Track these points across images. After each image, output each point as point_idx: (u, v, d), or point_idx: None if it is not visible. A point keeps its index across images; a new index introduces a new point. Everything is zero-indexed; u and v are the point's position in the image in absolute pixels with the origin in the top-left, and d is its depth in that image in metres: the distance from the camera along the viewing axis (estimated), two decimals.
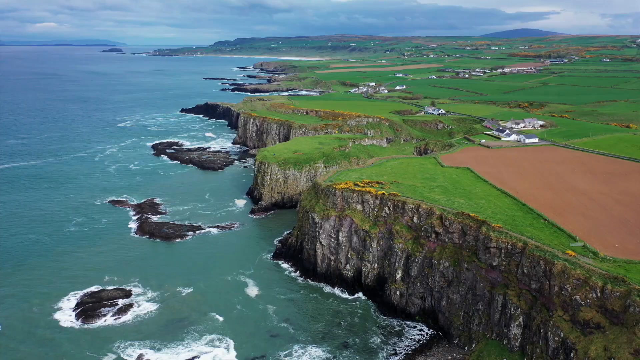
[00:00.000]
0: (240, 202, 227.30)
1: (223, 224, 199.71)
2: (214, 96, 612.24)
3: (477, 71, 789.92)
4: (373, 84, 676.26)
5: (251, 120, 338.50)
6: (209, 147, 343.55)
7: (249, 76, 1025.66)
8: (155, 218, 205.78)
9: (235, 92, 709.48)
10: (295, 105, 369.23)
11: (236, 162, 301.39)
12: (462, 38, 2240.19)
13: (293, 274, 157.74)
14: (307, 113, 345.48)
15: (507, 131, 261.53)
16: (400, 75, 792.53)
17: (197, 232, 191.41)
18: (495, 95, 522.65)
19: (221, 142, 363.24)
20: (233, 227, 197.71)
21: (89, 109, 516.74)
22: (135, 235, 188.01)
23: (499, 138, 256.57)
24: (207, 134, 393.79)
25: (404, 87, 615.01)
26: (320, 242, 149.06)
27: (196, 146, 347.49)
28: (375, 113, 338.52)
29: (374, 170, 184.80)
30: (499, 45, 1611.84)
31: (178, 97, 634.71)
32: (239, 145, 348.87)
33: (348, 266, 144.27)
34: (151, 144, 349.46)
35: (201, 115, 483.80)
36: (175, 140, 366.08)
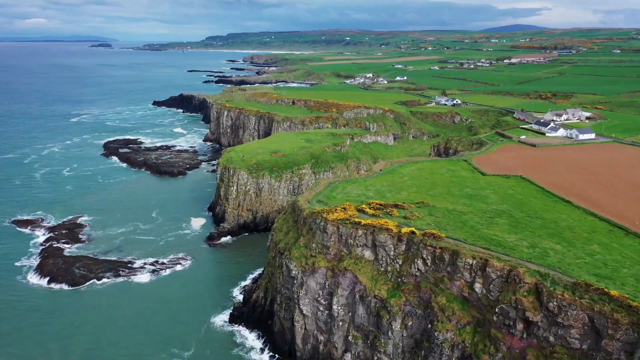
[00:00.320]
0: (197, 223, 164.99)
1: (164, 259, 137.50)
2: (194, 89, 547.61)
3: (482, 62, 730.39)
4: (370, 75, 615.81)
5: (225, 113, 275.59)
6: (175, 146, 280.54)
7: (236, 69, 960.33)
8: (69, 249, 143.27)
9: (219, 84, 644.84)
10: (279, 94, 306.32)
11: (203, 165, 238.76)
12: (459, 32, 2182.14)
13: (257, 356, 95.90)
14: (293, 103, 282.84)
15: (552, 125, 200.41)
16: (400, 66, 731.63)
17: (123, 273, 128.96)
18: (509, 85, 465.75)
19: (191, 139, 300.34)
20: (178, 264, 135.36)
21: (45, 102, 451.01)
22: (28, 281, 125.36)
23: (542, 133, 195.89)
24: (175, 130, 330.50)
25: (405, 78, 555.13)
26: (301, 310, 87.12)
27: (159, 144, 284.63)
28: (377, 104, 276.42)
29: (384, 180, 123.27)
30: (498, 39, 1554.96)
31: (154, 89, 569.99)
32: (210, 143, 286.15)
33: (349, 356, 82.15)
34: (104, 141, 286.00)
35: (174, 109, 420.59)
36: (135, 137, 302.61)
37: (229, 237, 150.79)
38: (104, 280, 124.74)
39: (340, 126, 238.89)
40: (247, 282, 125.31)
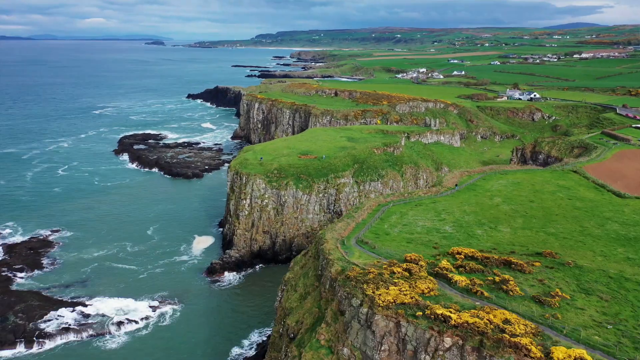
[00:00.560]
0: (201, 244, 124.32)
1: (142, 301, 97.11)
2: (235, 83, 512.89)
3: (548, 56, 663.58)
4: (424, 69, 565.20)
5: (256, 105, 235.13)
6: (198, 143, 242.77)
7: (282, 65, 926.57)
8: (22, 279, 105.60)
9: (262, 78, 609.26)
10: (320, 85, 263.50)
11: (225, 166, 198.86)
12: (517, 29, 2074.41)
13: None
14: (335, 95, 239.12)
15: None
16: (456, 61, 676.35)
17: (75, 325, 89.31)
18: (586, 81, 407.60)
19: (219, 136, 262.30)
20: (157, 309, 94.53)
21: (76, 94, 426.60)
22: None
23: None
24: (204, 125, 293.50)
25: (463, 72, 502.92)
26: None
27: (182, 140, 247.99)
28: (436, 97, 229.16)
29: (465, 203, 78.45)
30: (561, 35, 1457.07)
31: (193, 83, 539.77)
32: (239, 140, 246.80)
33: None
34: (121, 136, 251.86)
35: (208, 102, 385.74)
36: (157, 132, 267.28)
37: (234, 274, 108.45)
38: (42, 342, 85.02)
39: (393, 122, 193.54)
40: (250, 351, 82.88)
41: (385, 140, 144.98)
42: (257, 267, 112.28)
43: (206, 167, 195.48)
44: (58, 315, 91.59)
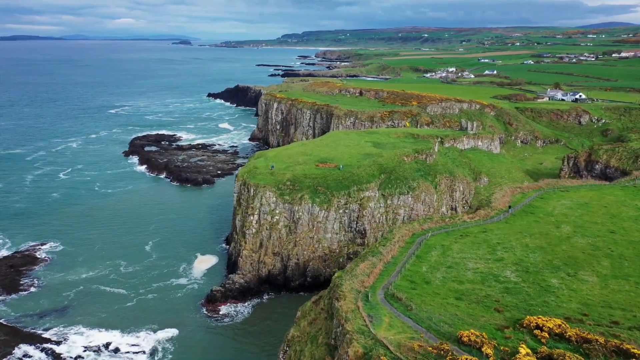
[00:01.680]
0: (203, 265, 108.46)
1: (125, 335, 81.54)
2: (258, 82, 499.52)
3: (585, 55, 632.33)
4: (453, 69, 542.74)
5: (275, 105, 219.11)
6: (213, 145, 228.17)
7: (307, 64, 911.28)
8: None
9: (285, 77, 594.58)
10: (344, 83, 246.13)
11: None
12: (548, 28, 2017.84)
13: None
14: (360, 94, 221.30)
15: None
16: (486, 60, 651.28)
17: None
18: (630, 81, 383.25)
19: (236, 137, 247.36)
20: (141, 352, 78.73)
21: (94, 93, 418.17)
22: None
23: None
24: (221, 125, 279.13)
25: (495, 72, 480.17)
26: None
27: (197, 141, 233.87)
28: (470, 97, 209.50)
29: (524, 232, 60.20)
30: (595, 34, 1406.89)
31: (215, 82, 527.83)
32: (256, 142, 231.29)
33: None
34: (133, 136, 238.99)
35: (228, 102, 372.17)
36: (172, 132, 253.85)
37: (238, 304, 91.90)
38: None
39: (423, 125, 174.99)
40: None
41: (416, 146, 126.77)
42: (264, 296, 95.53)
43: (218, 172, 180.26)
44: (23, 356, 76.57)
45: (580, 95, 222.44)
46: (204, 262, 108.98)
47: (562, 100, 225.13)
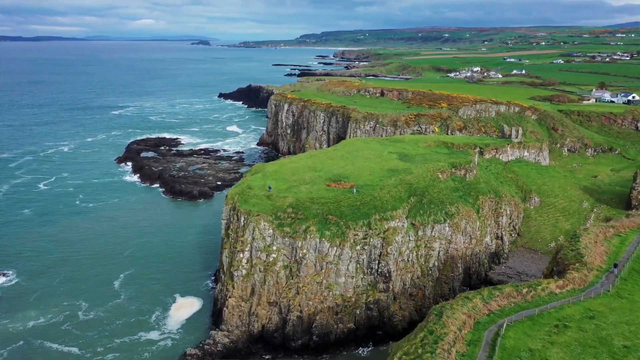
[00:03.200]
0: (182, 312, 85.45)
1: None
2: (273, 82, 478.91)
3: (619, 54, 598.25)
4: (478, 68, 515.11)
5: (285, 107, 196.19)
6: (218, 150, 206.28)
7: (325, 63, 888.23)
8: None
9: (301, 77, 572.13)
10: (363, 83, 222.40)
11: None
12: (572, 28, 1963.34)
13: None
14: (382, 95, 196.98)
15: None
16: (512, 60, 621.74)
17: None
18: None
19: (244, 141, 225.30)
20: None
21: (101, 92, 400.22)
22: None
23: None
24: (229, 128, 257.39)
25: (523, 71, 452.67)
26: None
27: (200, 146, 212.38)
28: (505, 98, 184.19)
29: None
30: (624, 33, 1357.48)
31: (228, 81, 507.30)
32: (265, 148, 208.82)
33: None
34: (131, 140, 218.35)
35: (239, 102, 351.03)
36: (174, 136, 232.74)
37: None
38: None
39: (455, 130, 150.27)
40: None
41: (452, 158, 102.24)
42: None
43: (219, 182, 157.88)
44: None
45: (633, 97, 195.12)
46: (184, 308, 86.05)
47: (612, 102, 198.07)
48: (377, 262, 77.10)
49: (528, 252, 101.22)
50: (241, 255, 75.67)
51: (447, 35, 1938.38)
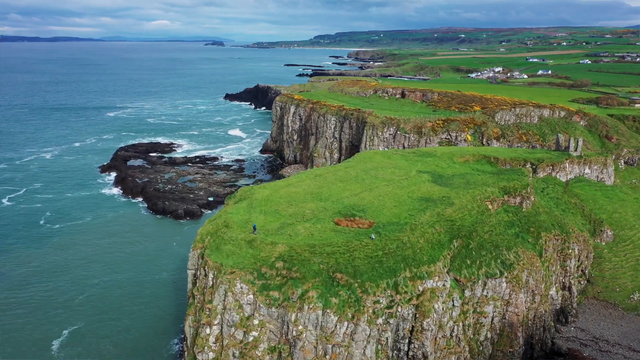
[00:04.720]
0: None
1: None
2: (283, 82, 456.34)
3: None
4: (499, 69, 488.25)
5: (291, 109, 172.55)
6: (216, 158, 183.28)
7: (339, 64, 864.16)
8: None
9: (313, 77, 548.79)
10: (380, 83, 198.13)
11: None
12: (592, 28, 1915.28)
13: None
14: (402, 96, 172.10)
15: None
16: (535, 60, 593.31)
17: None
18: None
19: (247, 147, 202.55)
20: None
21: (102, 93, 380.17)
22: None
23: None
24: (232, 132, 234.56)
25: (549, 72, 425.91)
26: None
27: (197, 153, 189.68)
28: (540, 100, 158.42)
29: None
30: None
31: (237, 82, 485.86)
32: (269, 155, 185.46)
33: None
34: (122, 145, 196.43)
35: (246, 103, 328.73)
36: (170, 140, 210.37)
37: None
38: None
39: (491, 139, 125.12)
40: None
41: (502, 181, 77.10)
42: None
43: (210, 198, 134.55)
44: None
45: None
46: None
47: None
48: (404, 341, 52.65)
49: (604, 307, 76.14)
50: (207, 330, 51.73)
51: (463, 35, 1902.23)
